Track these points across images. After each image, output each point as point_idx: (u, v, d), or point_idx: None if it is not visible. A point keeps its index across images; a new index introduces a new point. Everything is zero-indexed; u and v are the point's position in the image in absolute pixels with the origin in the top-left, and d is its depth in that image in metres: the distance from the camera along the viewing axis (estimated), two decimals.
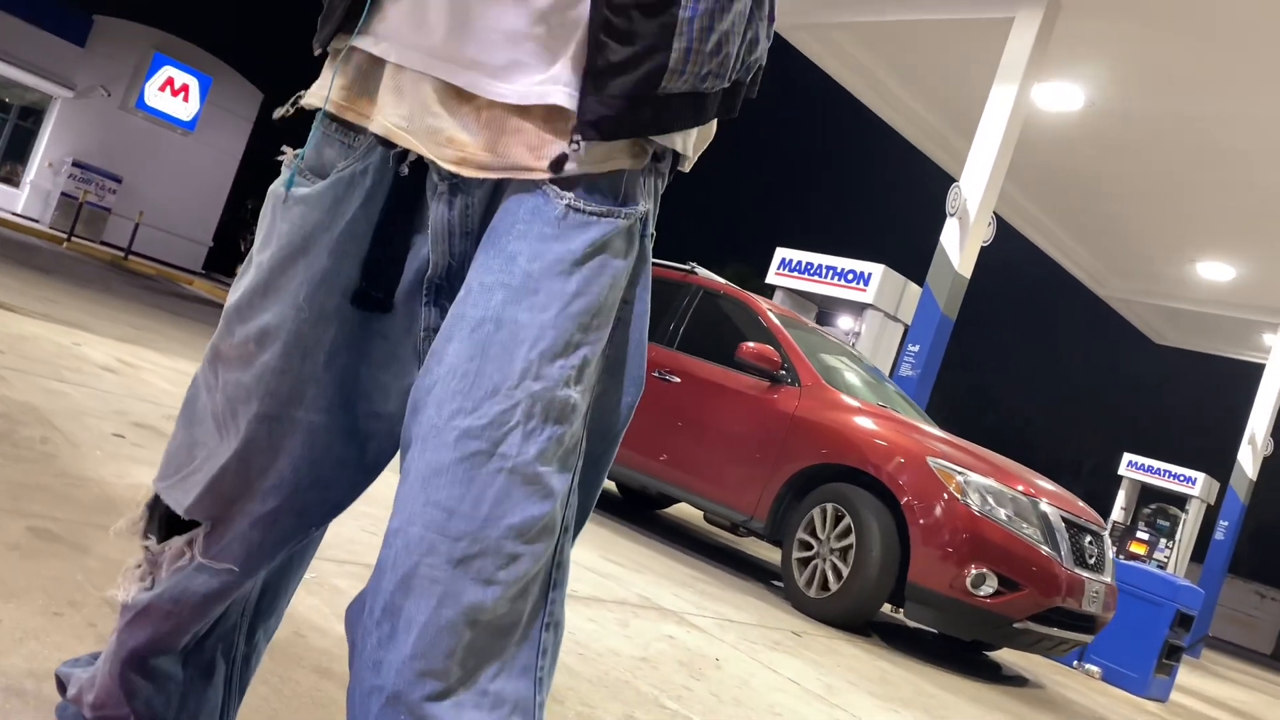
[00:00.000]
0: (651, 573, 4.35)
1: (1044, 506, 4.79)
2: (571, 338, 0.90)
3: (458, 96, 0.93)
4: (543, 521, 0.88)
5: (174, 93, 22.41)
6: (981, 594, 4.46)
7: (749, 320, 5.83)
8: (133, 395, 4.09)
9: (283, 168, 1.03)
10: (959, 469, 4.68)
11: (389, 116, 0.96)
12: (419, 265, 1.01)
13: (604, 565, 4.06)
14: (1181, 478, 15.88)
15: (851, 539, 4.67)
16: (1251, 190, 9.95)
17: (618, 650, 2.83)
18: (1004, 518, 4.60)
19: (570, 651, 2.63)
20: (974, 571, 4.46)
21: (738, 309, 5.98)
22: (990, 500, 4.62)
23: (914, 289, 9.46)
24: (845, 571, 4.64)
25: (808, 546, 4.87)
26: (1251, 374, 14.17)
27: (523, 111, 0.92)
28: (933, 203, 7.81)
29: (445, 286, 0.98)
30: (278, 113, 1.06)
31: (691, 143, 1.02)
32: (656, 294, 6.22)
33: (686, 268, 6.33)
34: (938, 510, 4.57)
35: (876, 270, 9.44)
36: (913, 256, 10.24)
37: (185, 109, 22.72)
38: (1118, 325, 16.79)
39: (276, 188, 1.03)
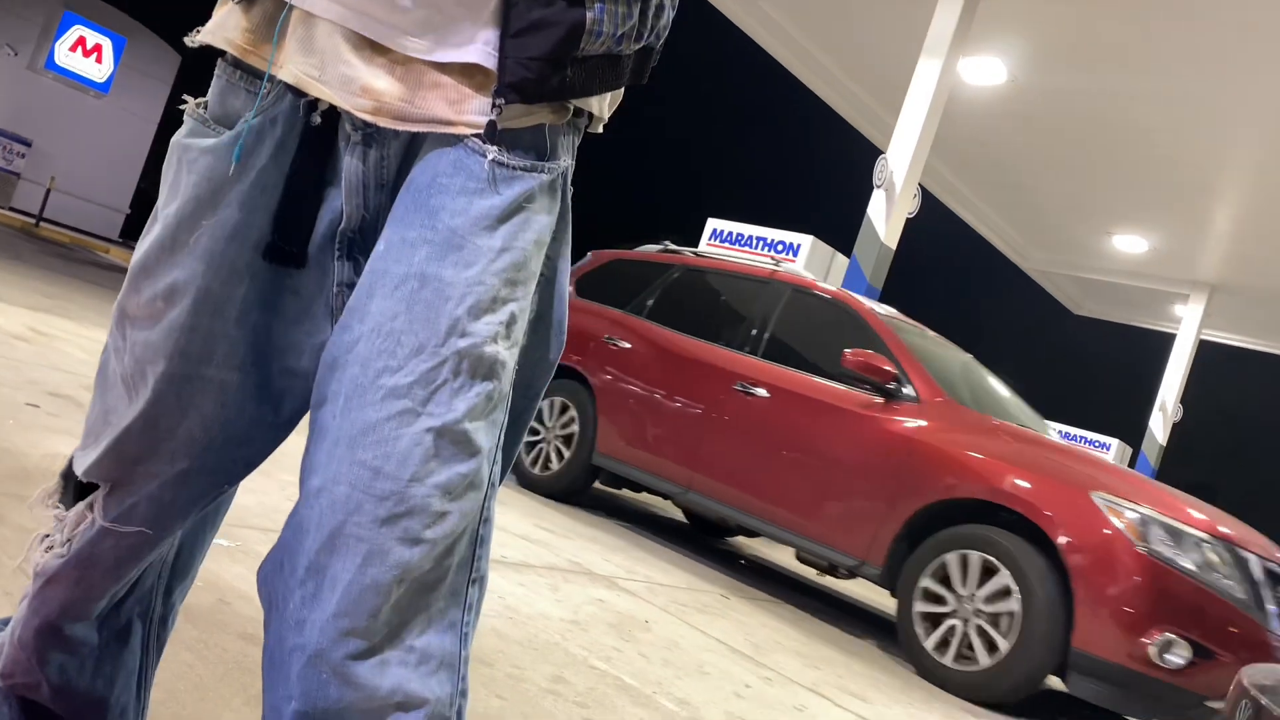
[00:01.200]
0: (582, 539, 4.39)
1: (1241, 552, 3.95)
2: (498, 294, 0.89)
3: (371, 47, 0.90)
4: (470, 479, 0.87)
5: (86, 53, 21.54)
6: (1168, 665, 3.66)
7: (850, 322, 5.00)
8: (47, 365, 3.97)
9: (185, 117, 1.00)
10: (1132, 505, 3.86)
11: (299, 65, 0.92)
12: (331, 218, 0.97)
13: (535, 532, 4.08)
14: (1097, 443, 16.43)
15: (1013, 597, 3.83)
16: (1165, 165, 10.27)
17: (548, 614, 2.86)
18: (1193, 567, 3.79)
19: (500, 615, 2.65)
20: (1159, 637, 3.66)
21: (835, 310, 5.14)
22: (1176, 545, 3.81)
23: (842, 260, 9.60)
24: (1000, 641, 3.81)
25: (938, 600, 4.06)
26: (1163, 343, 14.71)
27: (440, 67, 0.90)
28: (860, 174, 7.91)
29: (359, 240, 0.96)
30: (189, 38, 1.02)
31: (606, 105, 1.02)
32: (735, 296, 5.53)
33: (771, 264, 5.55)
34: (1110, 559, 3.75)
35: (806, 241, 9.55)
36: (841, 227, 10.39)
37: (98, 70, 21.86)
38: (1038, 296, 17.22)
39: (180, 138, 0.98)
